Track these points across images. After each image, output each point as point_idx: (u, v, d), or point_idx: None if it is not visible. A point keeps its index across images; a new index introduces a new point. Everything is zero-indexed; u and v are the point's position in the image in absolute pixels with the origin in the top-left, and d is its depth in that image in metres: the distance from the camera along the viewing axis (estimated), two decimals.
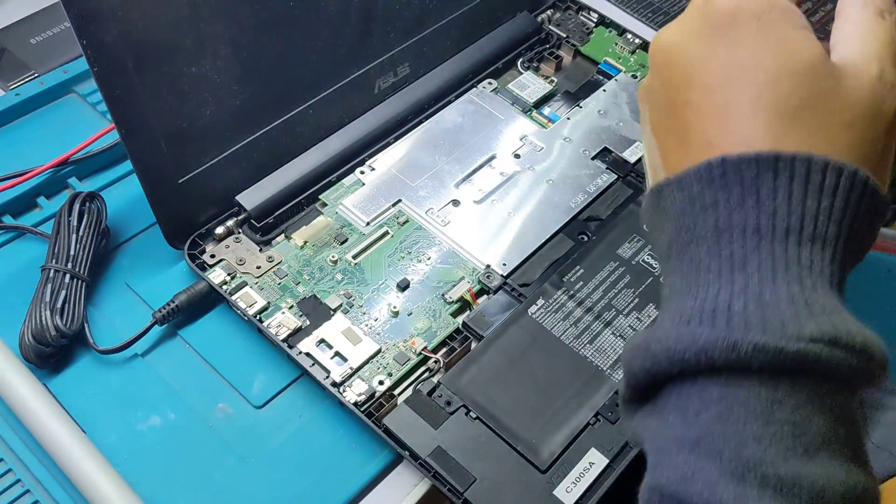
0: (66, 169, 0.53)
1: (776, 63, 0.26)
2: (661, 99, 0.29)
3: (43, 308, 0.44)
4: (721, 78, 0.27)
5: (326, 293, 0.48)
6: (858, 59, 0.27)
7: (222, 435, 0.44)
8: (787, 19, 0.27)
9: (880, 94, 0.26)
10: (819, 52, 0.26)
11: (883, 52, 0.27)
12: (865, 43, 0.27)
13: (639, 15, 0.71)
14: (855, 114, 0.26)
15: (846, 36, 0.28)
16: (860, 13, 0.28)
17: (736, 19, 0.27)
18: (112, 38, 0.41)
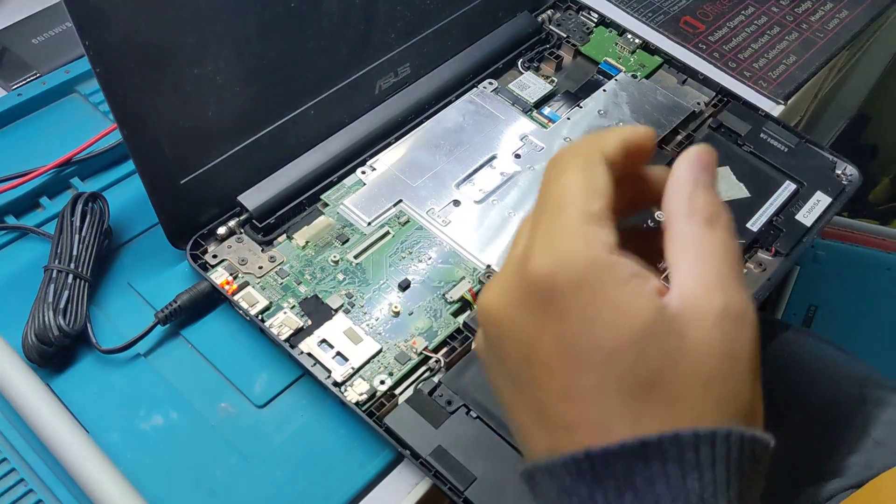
0: (68, 169, 0.53)
1: (611, 335, 0.24)
2: (502, 370, 0.27)
3: (46, 308, 0.44)
4: (558, 357, 0.25)
5: (328, 293, 0.48)
6: (698, 292, 0.25)
7: (224, 434, 0.44)
8: (611, 278, 0.24)
9: (731, 335, 0.25)
10: (652, 309, 0.24)
11: (721, 275, 0.25)
12: (700, 267, 0.25)
13: (639, 15, 0.71)
14: (710, 369, 0.24)
15: (678, 258, 0.26)
16: (687, 228, 0.26)
17: (556, 288, 0.25)
18: (115, 40, 0.41)
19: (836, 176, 0.58)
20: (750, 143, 0.59)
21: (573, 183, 0.26)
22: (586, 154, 0.27)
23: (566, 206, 0.26)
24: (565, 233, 0.25)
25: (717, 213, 0.26)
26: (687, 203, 0.27)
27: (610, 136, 0.28)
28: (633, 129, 0.29)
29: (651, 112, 0.60)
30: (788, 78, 0.67)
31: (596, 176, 0.27)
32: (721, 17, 0.72)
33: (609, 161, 0.27)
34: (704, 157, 0.28)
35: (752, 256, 0.53)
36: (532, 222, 0.27)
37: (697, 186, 0.27)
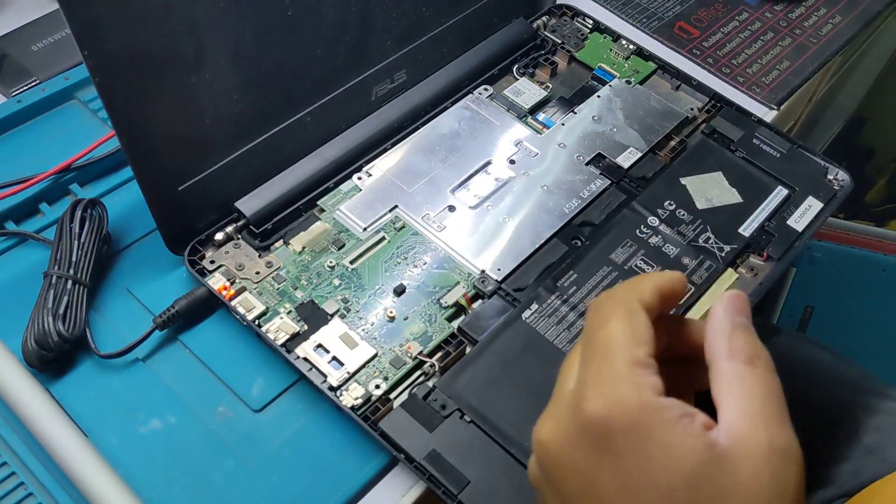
0: (67, 175, 0.53)
1: (666, 475, 0.26)
2: (560, 499, 0.29)
3: (45, 314, 0.45)
4: (616, 493, 0.27)
5: (324, 298, 0.49)
6: (745, 429, 0.27)
7: (222, 438, 0.45)
8: (661, 420, 0.27)
9: (777, 471, 0.26)
10: (703, 449, 0.26)
11: (766, 413, 0.27)
12: (745, 405, 0.27)
13: (633, 20, 0.72)
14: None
15: (724, 396, 0.28)
16: (729, 367, 0.28)
17: (611, 429, 0.27)
18: (114, 49, 0.42)
19: (828, 181, 0.58)
20: (742, 149, 0.59)
21: (618, 331, 0.29)
22: (626, 302, 0.30)
23: (614, 353, 0.28)
24: (615, 378, 0.28)
25: (757, 353, 0.29)
26: (728, 344, 0.29)
27: (645, 283, 0.31)
28: (667, 276, 0.32)
29: (645, 118, 0.61)
30: (782, 83, 0.68)
31: (638, 324, 0.29)
32: (715, 23, 0.73)
33: (646, 308, 0.30)
34: (739, 301, 0.31)
35: (743, 261, 0.54)
36: (582, 364, 0.30)
37: (736, 328, 0.30)
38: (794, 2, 0.76)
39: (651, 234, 0.54)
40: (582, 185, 0.56)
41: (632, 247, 0.53)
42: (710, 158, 0.59)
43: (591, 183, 0.57)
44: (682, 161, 0.58)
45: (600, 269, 0.51)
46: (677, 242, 0.53)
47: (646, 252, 0.53)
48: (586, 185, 0.56)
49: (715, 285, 0.52)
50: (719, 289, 0.52)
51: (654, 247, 0.53)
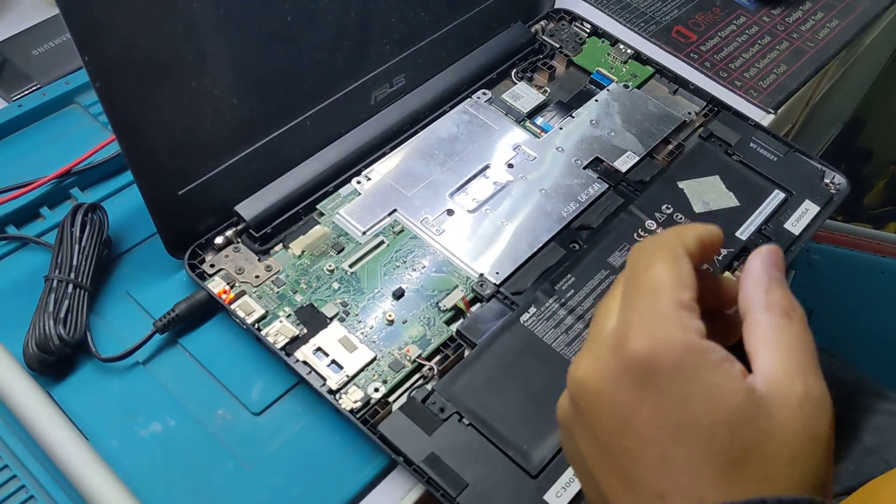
0: (68, 180, 0.54)
1: (707, 415, 0.27)
2: (592, 439, 0.29)
3: (46, 318, 0.45)
4: (655, 430, 0.27)
5: (323, 302, 0.49)
6: (781, 378, 0.27)
7: (222, 440, 0.45)
8: (705, 361, 0.27)
9: (812, 417, 0.27)
10: (743, 392, 0.27)
11: (801, 363, 0.28)
12: (782, 356, 0.28)
13: (631, 25, 0.72)
14: (794, 449, 0.27)
15: (760, 347, 0.28)
16: (766, 318, 0.29)
17: (655, 367, 0.27)
18: (114, 54, 0.42)
19: (825, 185, 0.59)
20: (739, 153, 0.59)
21: (664, 273, 0.29)
22: (671, 247, 0.30)
23: (660, 293, 0.29)
24: (662, 318, 0.28)
25: (793, 307, 0.29)
26: (765, 296, 0.29)
27: (689, 232, 0.31)
28: (708, 228, 0.32)
29: (642, 122, 0.61)
30: (779, 87, 0.68)
31: (683, 267, 0.30)
32: (713, 27, 0.73)
33: (689, 254, 0.30)
34: (775, 255, 0.31)
35: (741, 265, 0.54)
36: (624, 304, 0.30)
37: (772, 281, 0.30)
38: (792, 5, 0.76)
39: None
40: (580, 188, 0.57)
41: (629, 250, 0.53)
42: (707, 162, 0.59)
43: (589, 187, 0.57)
44: (679, 165, 0.59)
45: (598, 273, 0.52)
46: None
47: None
48: (584, 189, 0.57)
49: None
50: None
51: None
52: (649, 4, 0.75)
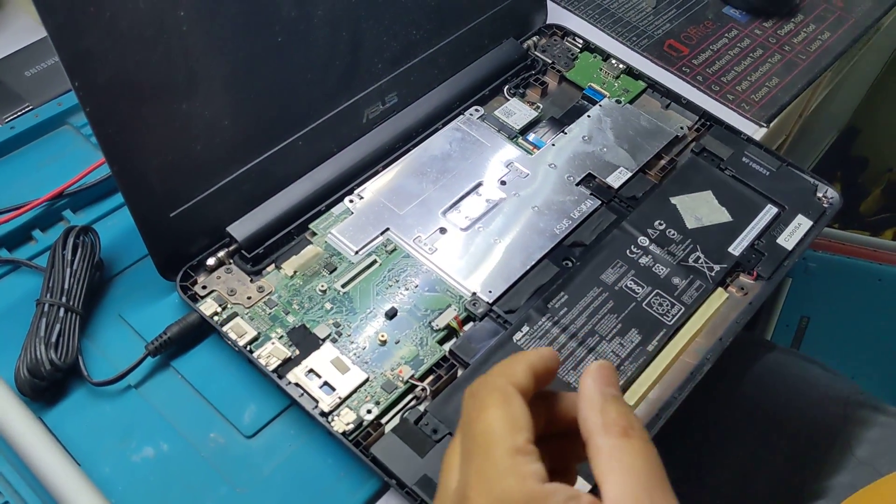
0: (60, 202, 0.54)
1: None
2: None
3: (38, 342, 0.45)
4: None
5: (315, 322, 0.49)
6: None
7: (214, 464, 0.45)
8: None
9: None
10: None
11: (647, 485, 0.27)
12: (627, 481, 0.27)
13: (623, 39, 0.73)
14: None
15: (605, 473, 0.28)
16: (605, 442, 0.28)
17: None
18: (103, 79, 0.42)
19: (818, 199, 0.59)
20: (732, 167, 0.59)
21: (496, 419, 0.29)
22: (500, 388, 0.30)
23: (493, 444, 0.28)
24: (497, 471, 0.28)
25: (631, 424, 0.29)
26: (601, 417, 0.29)
27: (518, 365, 0.31)
28: (538, 354, 0.32)
29: (634, 137, 0.61)
30: (771, 100, 0.68)
31: (514, 410, 0.29)
32: (705, 40, 0.73)
33: (521, 390, 0.30)
34: (605, 371, 0.30)
35: (733, 280, 0.54)
36: (463, 459, 0.29)
37: (607, 401, 0.29)
38: (783, 18, 0.77)
39: (641, 255, 0.54)
40: (572, 205, 0.57)
41: (622, 267, 0.53)
42: (699, 177, 0.59)
43: (582, 203, 0.57)
44: (671, 180, 0.59)
45: (591, 290, 0.52)
46: (667, 262, 0.54)
47: (636, 272, 0.53)
48: (577, 206, 0.57)
49: (705, 305, 0.52)
50: (709, 309, 0.52)
51: (645, 267, 0.53)
52: (641, 18, 0.75)
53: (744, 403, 0.66)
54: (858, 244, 1.12)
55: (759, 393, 0.67)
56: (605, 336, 0.49)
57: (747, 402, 0.66)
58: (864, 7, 0.79)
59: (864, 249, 1.12)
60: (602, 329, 0.50)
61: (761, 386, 0.67)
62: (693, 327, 0.51)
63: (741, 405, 0.66)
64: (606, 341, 0.49)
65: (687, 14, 0.76)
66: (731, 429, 0.66)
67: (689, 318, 0.51)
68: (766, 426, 0.64)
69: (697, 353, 0.50)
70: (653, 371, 0.49)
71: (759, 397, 0.66)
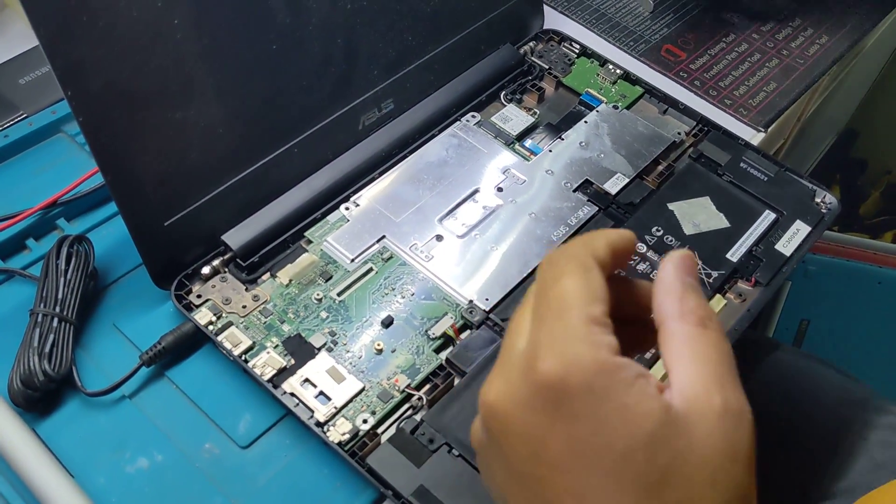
0: (54, 210, 0.53)
1: (622, 439, 0.25)
2: (506, 466, 0.28)
3: (31, 353, 0.45)
4: (569, 458, 0.26)
5: (311, 331, 0.49)
6: (699, 392, 0.26)
7: (209, 475, 0.44)
8: (618, 381, 0.26)
9: (732, 434, 0.26)
10: (659, 411, 0.26)
11: (718, 376, 0.27)
12: (698, 368, 0.27)
13: (620, 44, 0.72)
14: (714, 468, 0.26)
15: (676, 359, 0.27)
16: (681, 328, 0.28)
17: (566, 390, 0.26)
18: (96, 88, 0.42)
19: (816, 204, 0.58)
20: (730, 173, 0.59)
21: (573, 286, 0.28)
22: (581, 258, 0.29)
23: (569, 309, 0.27)
24: (571, 336, 0.27)
25: (709, 315, 0.28)
26: (679, 305, 0.28)
27: (599, 240, 0.30)
28: (619, 233, 0.31)
29: (632, 143, 0.61)
30: (769, 105, 0.68)
31: (593, 280, 0.28)
32: (702, 45, 0.73)
33: (600, 264, 0.29)
34: (688, 261, 0.30)
35: (732, 287, 0.54)
36: (534, 322, 0.28)
37: (686, 289, 0.29)
38: (781, 22, 0.76)
39: (639, 261, 0.54)
40: (569, 212, 0.56)
41: (619, 274, 0.53)
42: (697, 183, 0.59)
43: (579, 210, 0.57)
44: (669, 186, 0.58)
45: None
46: None
47: None
48: (574, 212, 0.56)
49: None
50: None
51: (643, 274, 0.53)
52: (638, 23, 0.75)
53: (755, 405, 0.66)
54: (858, 247, 1.11)
55: (771, 395, 0.66)
56: None
57: (759, 404, 0.66)
58: (862, 11, 0.79)
59: (863, 252, 1.11)
60: None
61: (773, 388, 0.67)
62: None
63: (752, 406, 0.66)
64: None
65: (684, 19, 0.76)
66: None
67: None
68: (778, 428, 0.64)
69: None
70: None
71: (772, 399, 0.66)
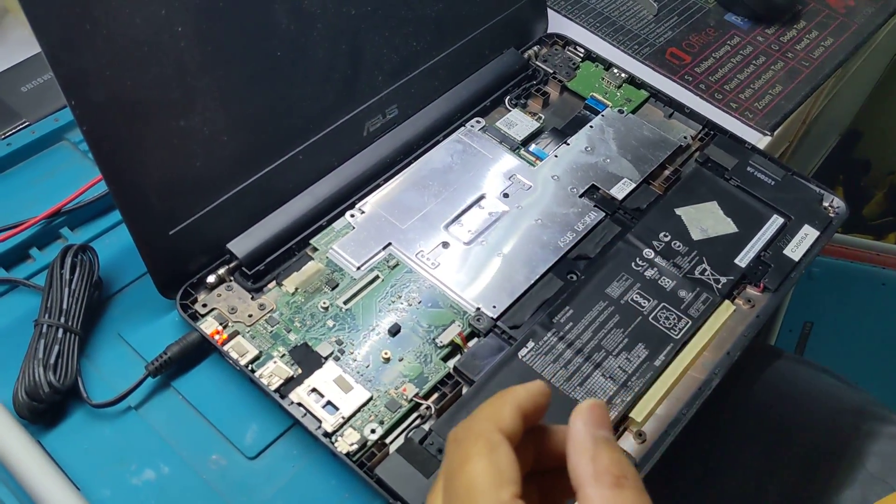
0: (58, 219, 0.53)
1: None
2: None
3: (36, 364, 0.44)
4: None
5: (318, 340, 0.48)
6: None
7: (216, 487, 0.44)
8: None
9: None
10: None
11: None
12: None
13: (625, 48, 0.72)
14: None
15: None
16: (598, 492, 0.27)
17: None
18: (101, 98, 0.42)
19: (824, 209, 0.58)
20: (737, 177, 0.59)
21: (480, 473, 0.27)
22: (486, 435, 0.28)
23: (478, 500, 0.27)
24: None
25: (623, 473, 0.27)
26: (592, 465, 0.27)
27: (505, 408, 0.29)
28: (527, 391, 0.30)
29: (637, 147, 0.60)
30: (775, 108, 0.68)
31: (501, 459, 0.27)
32: (707, 48, 0.73)
33: (509, 435, 0.28)
34: (598, 411, 0.28)
35: (740, 292, 0.54)
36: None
37: (598, 446, 0.28)
38: (786, 25, 0.76)
39: (647, 267, 0.53)
40: (576, 217, 0.56)
41: (627, 280, 0.52)
42: (704, 188, 0.58)
43: (586, 215, 0.56)
44: (676, 191, 0.58)
45: (596, 304, 0.51)
46: (673, 275, 0.53)
47: (642, 285, 0.52)
48: (580, 218, 0.56)
49: (712, 318, 0.51)
50: (717, 322, 0.51)
51: (650, 280, 0.53)
52: (642, 26, 0.74)
53: (753, 413, 0.66)
54: (861, 248, 1.11)
55: (769, 403, 0.66)
56: (612, 351, 0.49)
57: (757, 412, 0.66)
58: (867, 13, 0.78)
59: (867, 254, 1.11)
60: (608, 344, 0.49)
61: (772, 395, 0.66)
62: (700, 341, 0.50)
63: (750, 415, 0.66)
64: (613, 356, 0.49)
65: (688, 22, 0.75)
66: (740, 439, 0.65)
67: (697, 331, 0.51)
68: (776, 437, 0.63)
69: (705, 368, 0.50)
70: (661, 386, 0.48)
71: (770, 407, 0.66)
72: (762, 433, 0.64)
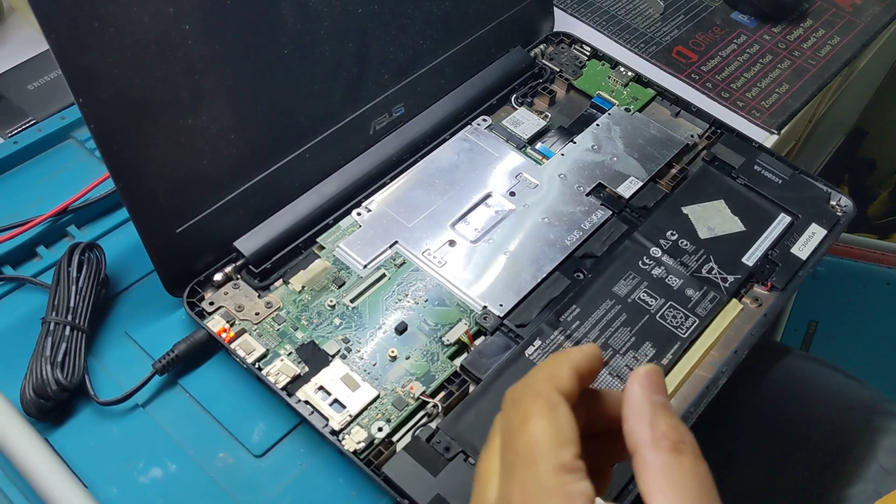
0: (65, 217, 0.53)
1: None
2: None
3: (43, 362, 0.44)
4: None
5: (325, 338, 0.48)
6: None
7: (223, 485, 0.44)
8: None
9: None
10: None
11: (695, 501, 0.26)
12: (675, 500, 0.26)
13: (631, 46, 0.72)
14: None
15: (653, 490, 0.26)
16: (655, 457, 0.27)
17: None
18: (108, 96, 0.42)
19: (831, 207, 0.58)
20: (744, 176, 0.59)
21: (541, 431, 0.27)
22: (546, 394, 0.28)
23: (539, 459, 0.27)
24: (543, 490, 0.26)
25: (682, 438, 0.27)
26: (650, 430, 0.27)
27: (562, 367, 0.29)
28: (583, 353, 0.30)
29: (644, 146, 0.60)
30: (781, 107, 0.68)
31: (561, 419, 0.27)
32: (713, 47, 0.73)
33: (567, 395, 0.28)
34: (654, 377, 0.28)
35: (748, 291, 0.53)
36: (503, 472, 0.28)
37: (657, 410, 0.28)
38: (792, 23, 0.76)
39: (654, 266, 0.53)
40: (583, 216, 0.56)
41: (634, 279, 0.52)
42: (711, 186, 0.58)
43: (592, 214, 0.56)
44: (683, 190, 0.58)
45: (603, 303, 0.51)
46: (680, 273, 0.53)
47: (649, 284, 0.52)
48: (587, 217, 0.56)
49: (719, 317, 0.51)
50: (724, 321, 0.51)
51: (658, 278, 0.52)
52: (649, 25, 0.74)
53: (765, 410, 0.66)
54: (867, 248, 1.11)
55: (780, 399, 0.66)
56: (619, 350, 0.49)
57: (768, 409, 0.66)
58: (873, 11, 0.78)
59: (872, 253, 1.11)
60: (616, 342, 0.49)
61: (783, 392, 0.66)
62: (708, 340, 0.50)
63: (762, 412, 0.66)
64: (620, 355, 0.48)
65: (695, 20, 0.75)
66: (752, 436, 0.65)
67: (704, 330, 0.51)
68: (787, 433, 0.63)
69: (712, 367, 0.50)
70: (668, 385, 0.48)
71: (781, 404, 0.66)
72: (774, 430, 0.64)
